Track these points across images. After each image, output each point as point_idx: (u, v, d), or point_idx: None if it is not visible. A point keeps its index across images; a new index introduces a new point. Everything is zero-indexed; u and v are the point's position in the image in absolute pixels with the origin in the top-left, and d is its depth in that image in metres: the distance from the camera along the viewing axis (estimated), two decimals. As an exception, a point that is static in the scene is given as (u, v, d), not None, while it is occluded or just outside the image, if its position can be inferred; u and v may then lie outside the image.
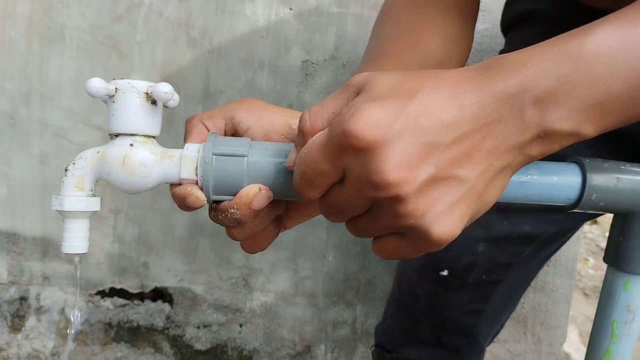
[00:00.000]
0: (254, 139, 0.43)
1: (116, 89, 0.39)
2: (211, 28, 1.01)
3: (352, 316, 1.15)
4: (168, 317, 1.14)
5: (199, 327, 1.15)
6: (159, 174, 0.40)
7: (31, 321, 1.13)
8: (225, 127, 0.45)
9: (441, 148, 0.31)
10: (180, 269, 1.12)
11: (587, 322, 1.69)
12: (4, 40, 1.01)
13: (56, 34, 1.01)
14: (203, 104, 1.03)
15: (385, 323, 0.83)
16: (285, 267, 1.12)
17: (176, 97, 0.41)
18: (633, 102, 0.34)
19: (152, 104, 0.40)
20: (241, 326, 1.15)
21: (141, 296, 1.13)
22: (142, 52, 1.02)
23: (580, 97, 0.33)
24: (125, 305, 1.13)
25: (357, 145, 0.31)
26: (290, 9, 1.01)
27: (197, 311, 1.14)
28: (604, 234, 2.37)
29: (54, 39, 1.01)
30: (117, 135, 0.40)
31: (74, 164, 0.39)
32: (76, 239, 0.39)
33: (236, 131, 0.45)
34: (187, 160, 0.40)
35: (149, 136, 0.40)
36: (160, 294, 1.13)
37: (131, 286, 1.13)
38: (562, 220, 0.70)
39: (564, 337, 1.16)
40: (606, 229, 2.36)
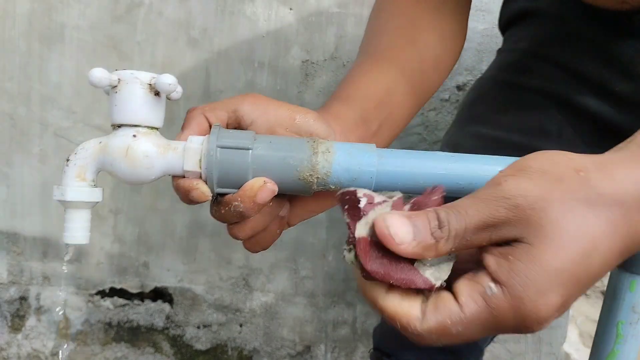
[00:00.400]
0: (257, 133, 0.43)
1: (119, 79, 0.39)
2: (211, 28, 1.02)
3: (352, 316, 1.15)
4: (168, 317, 1.14)
5: (199, 327, 1.14)
6: (162, 165, 0.40)
7: (31, 321, 1.13)
8: (227, 120, 0.45)
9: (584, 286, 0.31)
10: (180, 269, 1.11)
11: (587, 322, 1.69)
12: (4, 40, 1.01)
13: (56, 34, 1.01)
14: (203, 103, 1.03)
15: (383, 326, 0.82)
16: (285, 267, 1.12)
17: (179, 89, 0.41)
18: None
19: (155, 95, 0.40)
20: (241, 326, 1.15)
21: (141, 296, 1.13)
22: (142, 52, 1.02)
23: None
24: (125, 305, 1.13)
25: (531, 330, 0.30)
26: (290, 9, 1.01)
27: (197, 311, 1.13)
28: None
29: (54, 39, 1.01)
30: (119, 126, 0.40)
31: (76, 154, 0.39)
32: (77, 229, 0.39)
33: (239, 124, 0.45)
34: (191, 153, 0.40)
35: (152, 127, 0.40)
36: (160, 294, 1.13)
37: (131, 286, 1.12)
38: None
39: (564, 337, 1.15)
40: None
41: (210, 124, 0.44)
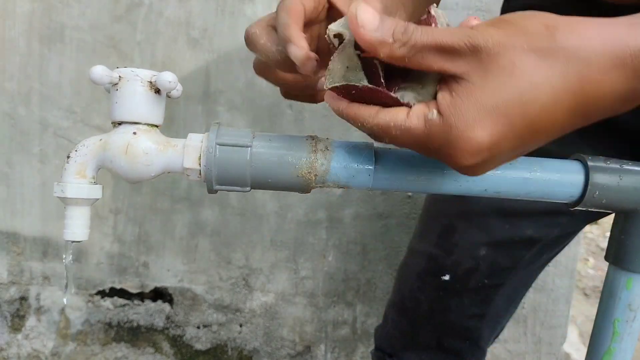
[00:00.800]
0: None
1: (120, 77, 0.39)
2: (211, 28, 1.02)
3: (352, 316, 1.15)
4: (168, 317, 1.14)
5: (199, 327, 1.14)
6: (162, 163, 0.40)
7: (31, 321, 1.13)
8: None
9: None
10: (180, 269, 1.11)
11: (587, 322, 1.69)
12: (4, 40, 1.01)
13: (56, 33, 1.01)
14: (203, 104, 1.04)
15: (385, 326, 0.82)
16: (285, 267, 1.12)
17: (179, 87, 0.41)
18: None
19: (155, 92, 0.40)
20: (241, 326, 1.15)
21: (141, 296, 1.13)
22: (142, 52, 1.02)
23: None
24: (125, 305, 1.13)
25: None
26: (290, 8, 1.01)
27: (197, 311, 1.13)
28: (604, 234, 2.37)
29: (54, 39, 1.01)
30: (120, 124, 0.40)
31: (76, 151, 0.39)
32: (77, 226, 0.39)
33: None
34: (191, 150, 0.40)
35: (152, 125, 0.41)
36: (160, 294, 1.13)
37: (131, 286, 1.12)
38: (564, 223, 0.69)
39: (564, 337, 1.15)
40: (606, 229, 2.36)
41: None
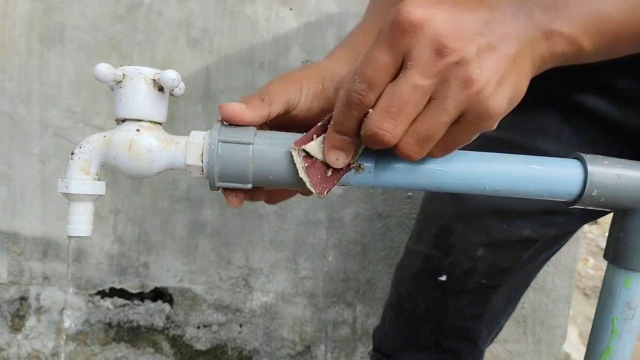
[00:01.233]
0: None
1: (124, 74, 0.39)
2: (211, 28, 1.02)
3: (352, 316, 1.15)
4: (168, 317, 1.14)
5: (199, 327, 1.14)
6: (165, 159, 0.40)
7: (31, 321, 1.13)
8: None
9: (485, 23, 0.36)
10: (180, 269, 1.11)
11: (587, 322, 1.69)
12: (4, 40, 1.01)
13: (56, 34, 1.01)
14: (203, 104, 1.04)
15: (383, 328, 0.82)
16: (285, 267, 1.12)
17: (182, 85, 0.41)
18: (623, 25, 0.41)
19: (159, 90, 0.40)
20: (241, 326, 1.15)
21: (141, 296, 1.13)
22: (142, 52, 1.02)
23: (577, 9, 0.39)
24: (125, 305, 1.13)
25: (410, 24, 0.34)
26: (290, 9, 1.02)
27: (197, 311, 1.13)
28: (604, 234, 2.37)
29: (54, 39, 1.01)
30: (123, 121, 0.40)
31: (80, 147, 0.39)
32: (81, 222, 0.39)
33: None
34: (193, 147, 0.40)
35: (155, 122, 0.41)
36: (160, 294, 1.13)
37: (131, 286, 1.12)
38: (562, 223, 0.69)
39: (564, 337, 1.15)
40: (606, 229, 2.35)
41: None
